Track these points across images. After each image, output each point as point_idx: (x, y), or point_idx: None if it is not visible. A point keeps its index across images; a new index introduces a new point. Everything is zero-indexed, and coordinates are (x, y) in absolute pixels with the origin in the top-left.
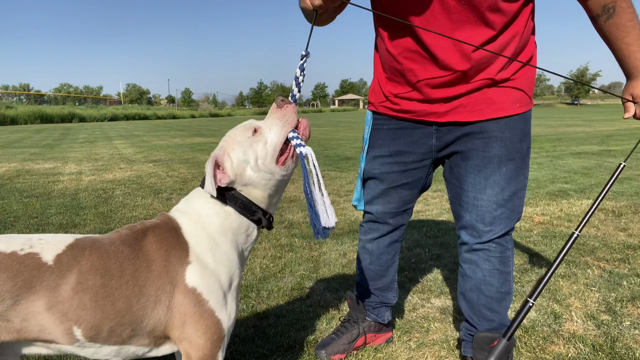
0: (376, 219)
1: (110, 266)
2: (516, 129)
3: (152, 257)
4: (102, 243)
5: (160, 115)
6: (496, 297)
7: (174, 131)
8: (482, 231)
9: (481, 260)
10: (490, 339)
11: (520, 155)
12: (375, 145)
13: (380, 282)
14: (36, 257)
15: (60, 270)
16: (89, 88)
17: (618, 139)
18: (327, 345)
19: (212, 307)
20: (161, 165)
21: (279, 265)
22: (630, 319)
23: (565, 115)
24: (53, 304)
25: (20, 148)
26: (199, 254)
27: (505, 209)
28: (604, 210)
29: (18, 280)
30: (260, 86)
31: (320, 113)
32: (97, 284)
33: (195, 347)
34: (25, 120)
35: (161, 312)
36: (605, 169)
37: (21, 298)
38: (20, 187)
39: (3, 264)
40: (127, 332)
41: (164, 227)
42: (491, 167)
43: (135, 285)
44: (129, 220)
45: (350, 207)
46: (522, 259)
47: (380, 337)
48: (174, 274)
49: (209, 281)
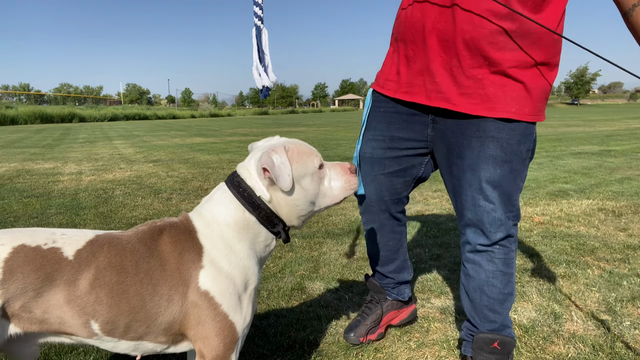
0: (371, 205)
1: (126, 263)
2: (516, 130)
3: (165, 257)
4: (120, 240)
5: (160, 115)
6: (499, 299)
7: (174, 131)
8: (486, 232)
9: (484, 262)
10: (490, 341)
11: (519, 158)
12: (371, 127)
13: (392, 266)
14: (58, 252)
15: (79, 265)
16: (89, 88)
17: (618, 139)
18: (355, 328)
19: (225, 311)
20: (161, 165)
21: (279, 265)
22: (630, 319)
23: (565, 115)
24: (72, 298)
25: (20, 148)
26: (214, 258)
27: (502, 211)
28: (604, 210)
29: (41, 273)
30: None
31: (320, 113)
32: (113, 280)
33: (209, 348)
34: (25, 120)
35: (175, 310)
36: (606, 169)
37: (43, 291)
38: (20, 187)
39: (28, 257)
40: (142, 328)
41: (180, 228)
42: (486, 167)
43: (149, 284)
44: (129, 220)
45: (351, 207)
46: (522, 259)
47: (403, 312)
48: (187, 275)
49: (222, 285)
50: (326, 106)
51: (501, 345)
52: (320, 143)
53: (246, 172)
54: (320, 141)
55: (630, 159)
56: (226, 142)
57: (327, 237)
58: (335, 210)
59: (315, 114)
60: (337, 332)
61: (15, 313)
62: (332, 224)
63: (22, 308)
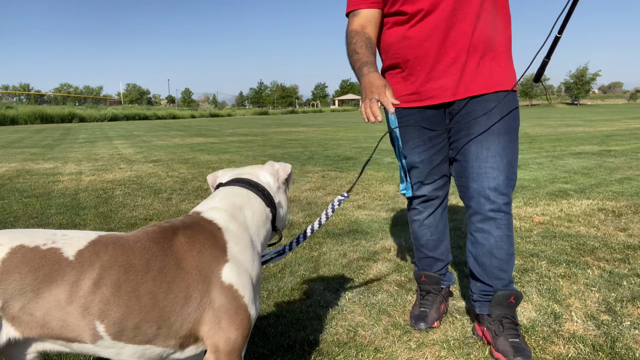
0: (429, 198)
1: (135, 262)
2: (510, 108)
3: (182, 256)
4: (126, 240)
5: (160, 115)
6: (506, 259)
7: (174, 131)
8: (489, 197)
9: (493, 229)
10: (507, 296)
11: (515, 131)
12: (408, 139)
13: (443, 246)
14: (57, 252)
15: (81, 265)
16: (89, 88)
17: (618, 139)
18: (424, 317)
19: (246, 303)
20: (161, 165)
21: (279, 265)
22: (630, 319)
23: (565, 115)
24: (74, 298)
25: (20, 148)
26: (236, 253)
27: (505, 177)
28: (604, 210)
29: (39, 274)
30: (260, 86)
31: (320, 113)
32: (120, 279)
33: (227, 341)
34: (25, 120)
35: (191, 308)
36: (606, 169)
37: (42, 291)
38: (20, 187)
39: (26, 257)
40: (153, 329)
41: (196, 227)
42: (491, 138)
43: (162, 282)
44: (129, 220)
45: (351, 207)
46: (522, 259)
47: (448, 300)
48: (208, 271)
49: (244, 278)
50: (326, 106)
51: (516, 299)
52: (320, 143)
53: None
54: (320, 141)
55: (630, 159)
56: (226, 142)
57: (327, 237)
58: (335, 210)
59: (315, 114)
60: (337, 332)
61: (15, 315)
62: (332, 224)
63: (22, 310)
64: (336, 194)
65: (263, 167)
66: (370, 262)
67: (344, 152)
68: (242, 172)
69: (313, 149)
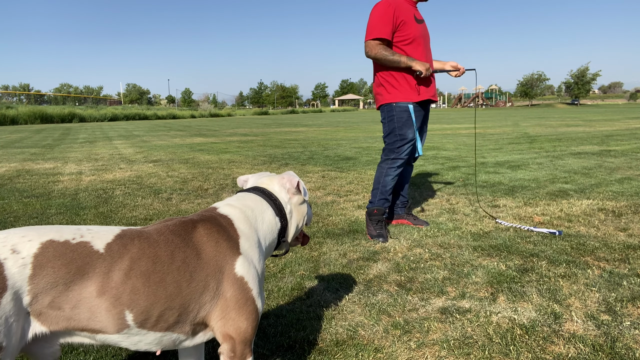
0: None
1: (161, 253)
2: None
3: (201, 247)
4: (149, 233)
5: (160, 115)
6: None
7: (174, 131)
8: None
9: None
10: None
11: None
12: (418, 122)
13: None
14: (88, 246)
15: (111, 257)
16: (89, 88)
17: (618, 139)
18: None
19: (254, 296)
20: (161, 165)
21: (279, 265)
22: (631, 319)
23: (565, 115)
24: (106, 289)
25: (20, 148)
26: (247, 248)
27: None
28: (604, 210)
29: (72, 267)
30: (260, 86)
31: (320, 113)
32: (149, 270)
33: (238, 331)
34: (25, 120)
35: (208, 297)
36: (606, 169)
37: (74, 284)
38: (20, 187)
39: (58, 251)
40: (174, 317)
41: (214, 221)
42: (426, 121)
43: (185, 271)
44: (129, 220)
45: (350, 207)
46: (522, 259)
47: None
48: (223, 262)
49: (253, 272)
50: (326, 106)
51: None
52: (320, 143)
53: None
54: (320, 141)
55: (630, 159)
56: (226, 142)
57: (327, 237)
58: (335, 210)
59: (315, 114)
60: (337, 332)
61: (42, 311)
62: (332, 224)
63: (51, 304)
64: (336, 194)
65: (277, 178)
66: (370, 262)
67: (344, 152)
68: (261, 181)
69: (313, 149)
